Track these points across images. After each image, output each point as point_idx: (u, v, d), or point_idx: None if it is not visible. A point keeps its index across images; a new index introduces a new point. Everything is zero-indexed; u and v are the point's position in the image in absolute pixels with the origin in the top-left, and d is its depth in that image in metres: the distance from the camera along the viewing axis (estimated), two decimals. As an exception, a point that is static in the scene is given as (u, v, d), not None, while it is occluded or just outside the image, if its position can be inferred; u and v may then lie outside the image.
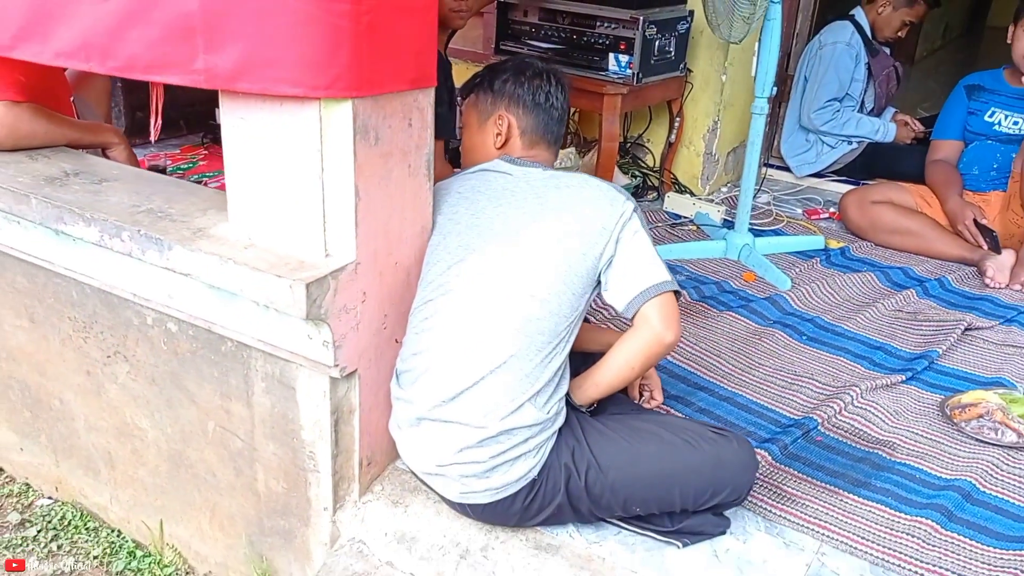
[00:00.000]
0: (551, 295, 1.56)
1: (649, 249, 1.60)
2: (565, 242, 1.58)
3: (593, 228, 1.58)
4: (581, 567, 1.57)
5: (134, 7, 1.45)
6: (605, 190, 1.64)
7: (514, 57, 2.20)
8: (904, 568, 1.58)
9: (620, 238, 1.59)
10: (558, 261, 1.57)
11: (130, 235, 1.60)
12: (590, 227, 1.58)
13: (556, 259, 1.57)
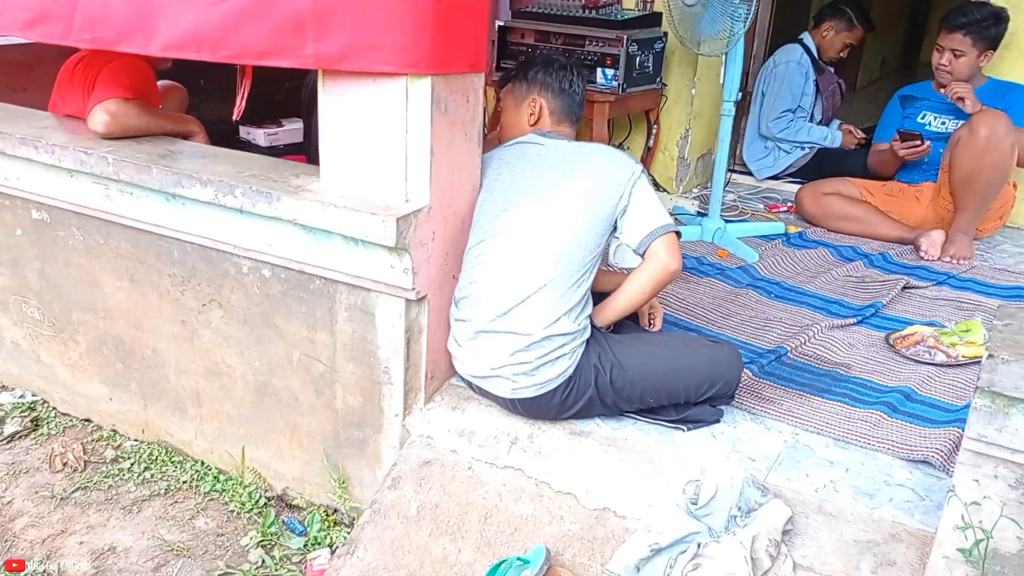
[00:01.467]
0: (578, 234, 1.99)
1: (655, 200, 2.05)
2: (588, 195, 2.02)
3: (610, 184, 2.02)
4: (608, 445, 1.98)
5: (251, 6, 1.87)
6: (619, 155, 2.10)
7: (542, 53, 2.66)
8: (858, 442, 2.02)
9: (632, 192, 2.03)
10: (583, 209, 2.01)
11: (243, 191, 2.01)
12: (608, 183, 2.03)
13: (582, 207, 2.01)
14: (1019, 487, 1.49)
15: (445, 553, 1.87)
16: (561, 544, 1.82)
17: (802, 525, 1.77)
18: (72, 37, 2.13)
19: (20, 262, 2.60)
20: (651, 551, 1.70)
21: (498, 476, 1.96)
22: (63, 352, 2.65)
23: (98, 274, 2.45)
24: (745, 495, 1.77)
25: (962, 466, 1.53)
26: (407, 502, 1.97)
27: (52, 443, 2.59)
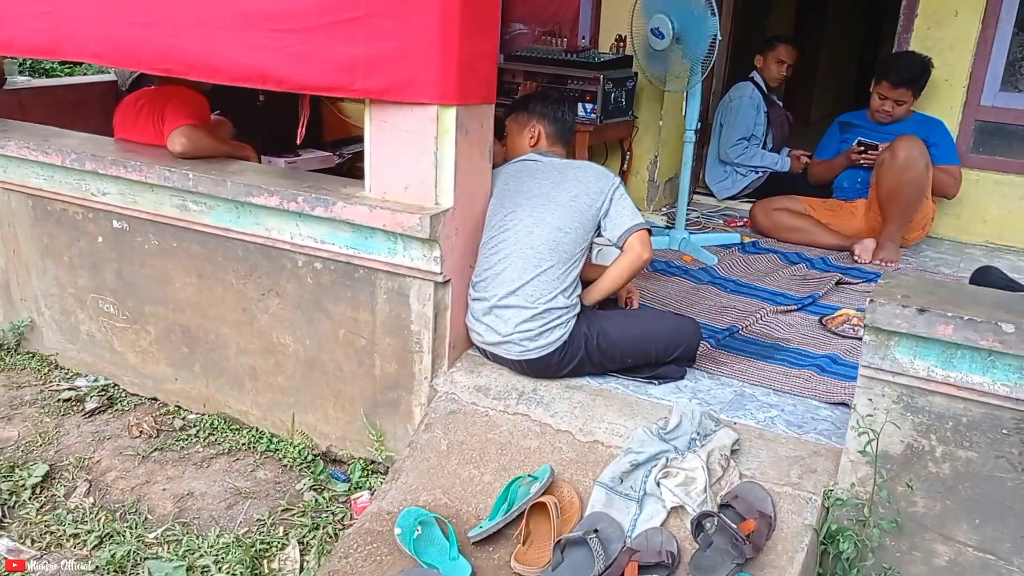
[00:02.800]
0: (570, 230, 2.53)
1: (630, 204, 2.60)
2: (577, 199, 2.56)
3: (594, 191, 2.57)
4: (596, 395, 2.51)
5: (310, 51, 2.41)
6: (601, 170, 2.65)
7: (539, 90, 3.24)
8: (792, 392, 2.57)
9: (612, 198, 2.58)
10: (573, 210, 2.55)
11: (304, 198, 2.54)
12: (592, 190, 2.57)
13: (572, 209, 2.55)
14: (900, 401, 2.04)
15: (471, 476, 2.37)
16: (561, 467, 2.34)
17: (746, 447, 2.30)
18: (142, 64, 2.67)
19: (99, 265, 3.10)
20: (631, 466, 2.23)
21: (510, 420, 2.48)
22: (134, 341, 3.14)
23: (170, 272, 2.96)
24: (702, 424, 2.31)
25: (859, 389, 2.08)
26: (438, 441, 2.47)
27: (127, 416, 3.07)
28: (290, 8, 2.36)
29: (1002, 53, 4.06)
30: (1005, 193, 4.15)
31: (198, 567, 2.38)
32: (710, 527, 2.09)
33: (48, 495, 2.70)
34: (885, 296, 1.97)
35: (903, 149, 3.75)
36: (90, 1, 2.63)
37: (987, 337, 1.86)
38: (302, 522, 2.56)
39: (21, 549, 2.47)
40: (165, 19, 2.54)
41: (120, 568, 2.39)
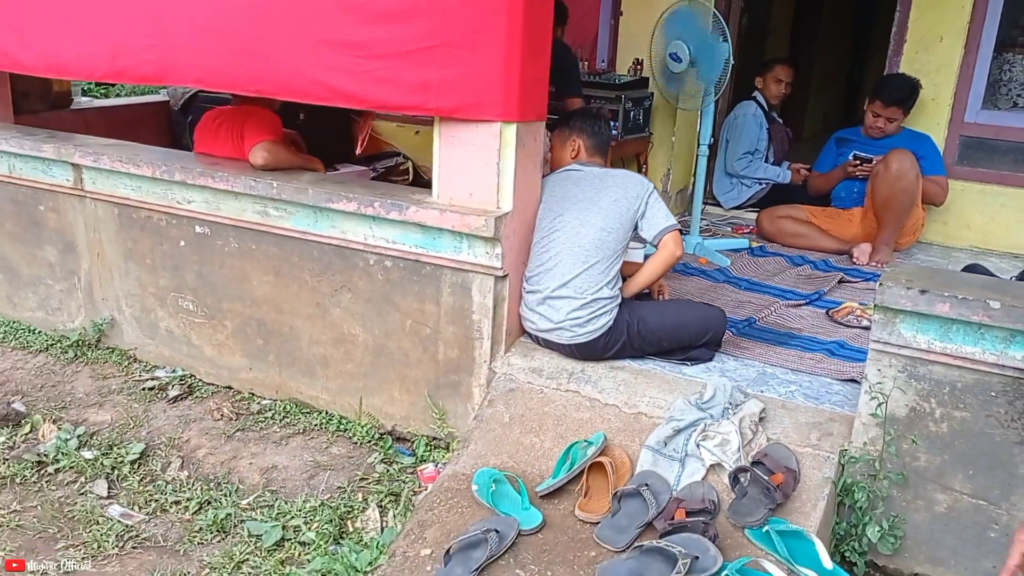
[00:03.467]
0: (611, 230, 2.90)
1: (664, 208, 2.96)
2: (617, 203, 2.93)
3: (632, 195, 2.94)
4: (638, 374, 2.87)
5: (388, 76, 2.78)
6: (638, 177, 3.02)
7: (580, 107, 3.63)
8: (808, 371, 2.94)
9: (648, 201, 2.95)
10: (614, 213, 2.91)
11: (379, 204, 2.90)
12: (630, 195, 2.94)
13: (613, 212, 2.92)
14: (904, 370, 2.41)
15: (532, 443, 2.73)
16: (610, 435, 2.69)
17: (771, 415, 2.66)
18: (238, 87, 3.03)
19: (181, 267, 3.44)
20: (674, 431, 2.59)
21: (562, 396, 2.84)
22: (212, 334, 3.48)
23: (248, 272, 3.30)
24: (733, 396, 2.67)
25: (870, 360, 2.45)
26: (501, 414, 2.83)
27: (207, 402, 3.41)
28: (373, 37, 2.73)
29: (983, 75, 4.48)
30: (987, 201, 4.56)
31: (290, 527, 2.72)
32: (745, 480, 2.45)
33: (146, 469, 3.03)
34: (892, 280, 2.35)
35: (895, 161, 4.15)
36: (192, 34, 2.99)
37: (977, 312, 2.24)
38: (378, 489, 2.90)
39: (131, 514, 2.80)
40: (257, 47, 2.91)
41: (221, 528, 2.73)
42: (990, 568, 2.44)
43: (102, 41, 3.15)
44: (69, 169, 3.51)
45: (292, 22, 2.84)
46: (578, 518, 2.45)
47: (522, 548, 2.35)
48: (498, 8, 2.59)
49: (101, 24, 3.16)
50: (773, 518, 2.37)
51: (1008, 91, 4.57)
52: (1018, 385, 2.30)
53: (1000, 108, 4.56)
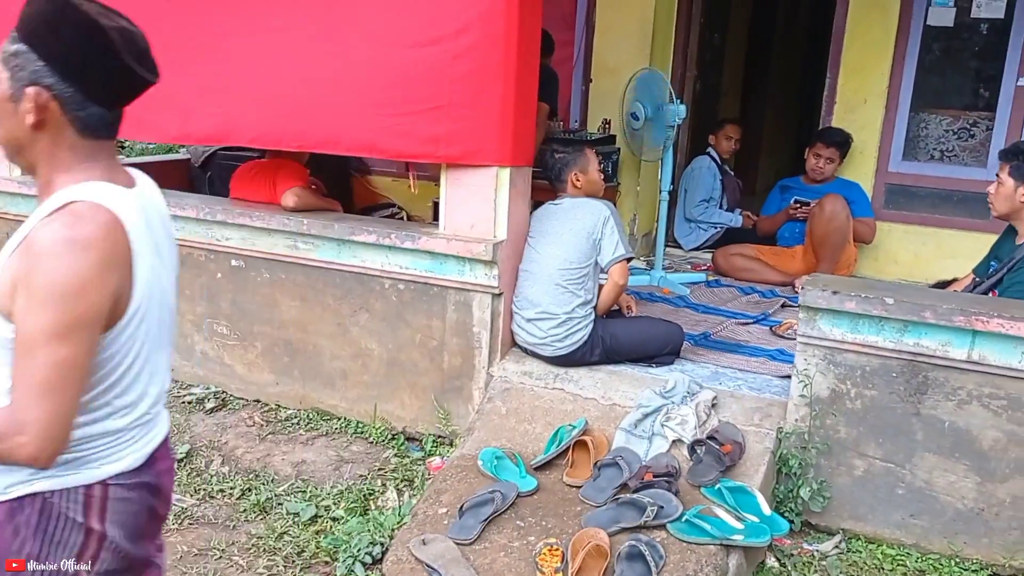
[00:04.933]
0: (572, 258, 3.42)
1: (616, 237, 3.49)
2: (577, 234, 3.46)
3: (588, 225, 3.47)
4: (612, 373, 3.44)
5: (405, 129, 3.39)
6: (597, 206, 3.55)
7: None
8: (753, 370, 3.53)
9: (604, 230, 3.50)
10: (573, 243, 3.44)
11: (396, 235, 3.49)
12: (587, 224, 3.47)
13: (572, 242, 3.44)
14: (825, 359, 3.01)
15: (526, 430, 3.28)
16: (591, 421, 3.25)
17: (722, 402, 3.25)
18: (284, 144, 3.63)
19: (216, 296, 3.99)
20: (642, 415, 3.16)
21: (550, 393, 3.40)
22: (243, 355, 4.01)
23: (277, 298, 3.86)
24: (691, 387, 3.25)
25: (798, 352, 3.05)
26: (499, 408, 3.38)
27: (239, 413, 3.92)
28: (395, 97, 3.35)
29: (902, 131, 5.21)
30: (911, 240, 5.24)
31: (322, 506, 3.23)
32: (700, 450, 3.02)
33: (192, 466, 3.53)
34: (812, 285, 2.97)
35: (828, 204, 4.83)
36: (250, 102, 3.60)
37: (877, 307, 2.86)
38: (394, 475, 3.43)
39: (184, 499, 3.29)
40: (302, 111, 3.52)
41: (263, 509, 3.23)
42: (899, 520, 3.01)
43: (176, 108, 3.74)
44: (119, 213, 4.05)
45: (332, 90, 3.46)
46: (565, 483, 3.00)
47: (521, 506, 2.89)
48: (495, 76, 3.23)
49: (176, 94, 3.75)
50: (724, 479, 2.93)
51: (926, 145, 5.29)
52: (913, 367, 2.90)
53: (919, 160, 5.27)
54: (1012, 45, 4.88)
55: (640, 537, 2.66)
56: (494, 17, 3.20)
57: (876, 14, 5.08)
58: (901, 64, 5.12)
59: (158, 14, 3.73)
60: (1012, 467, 2.84)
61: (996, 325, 2.72)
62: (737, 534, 2.69)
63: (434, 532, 2.76)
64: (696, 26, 5.70)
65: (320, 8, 3.50)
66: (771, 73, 8.51)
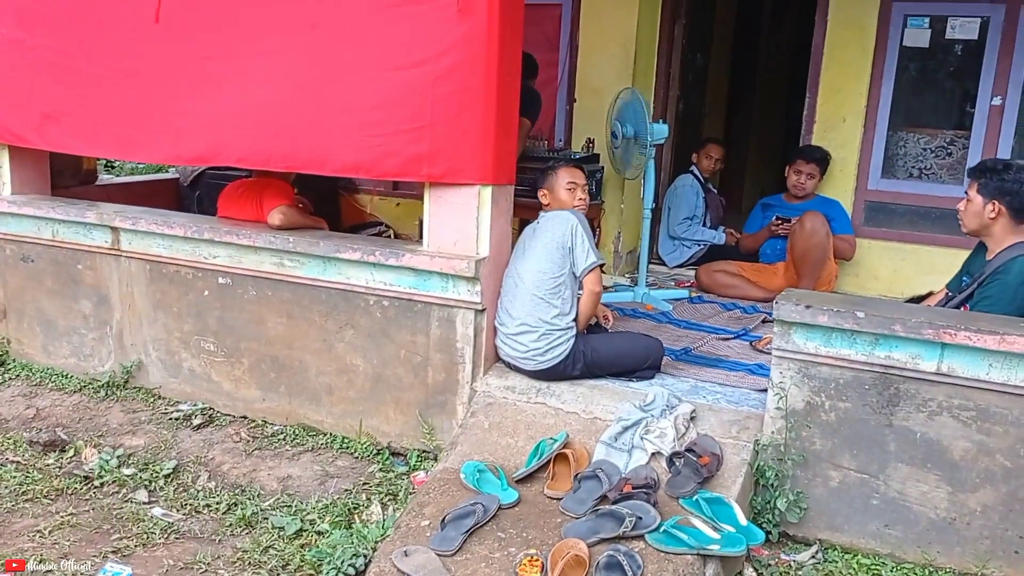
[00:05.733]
0: (546, 269, 3.47)
1: (586, 243, 3.53)
2: (547, 246, 3.50)
3: (558, 235, 3.51)
4: (593, 388, 3.50)
5: (391, 150, 3.46)
6: (564, 216, 3.60)
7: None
8: (732, 384, 3.59)
9: (574, 238, 3.55)
10: (545, 254, 3.48)
11: (380, 252, 3.55)
12: (557, 235, 3.52)
13: (544, 254, 3.48)
14: (800, 372, 3.07)
15: (508, 444, 3.33)
16: (572, 435, 3.30)
17: (701, 415, 3.30)
18: (272, 164, 3.70)
19: (204, 313, 4.03)
20: (622, 428, 3.21)
21: (532, 407, 3.45)
22: (230, 371, 4.05)
23: (264, 315, 3.91)
24: (670, 401, 3.31)
25: (773, 365, 3.11)
26: (482, 422, 3.43)
27: (226, 429, 3.96)
28: (379, 118, 3.42)
29: (880, 150, 5.31)
30: (891, 256, 5.32)
31: (307, 520, 3.26)
32: (679, 462, 3.07)
33: (179, 481, 3.56)
34: (786, 299, 3.04)
35: (808, 221, 4.92)
36: (239, 124, 3.67)
37: (848, 321, 2.92)
38: (379, 490, 3.47)
39: (171, 514, 3.33)
40: (288, 132, 3.59)
41: (248, 523, 3.27)
42: (875, 530, 3.07)
43: (167, 131, 3.82)
44: (108, 232, 4.11)
45: (318, 111, 3.53)
46: (547, 495, 3.05)
47: (502, 518, 2.93)
48: (476, 96, 3.30)
49: (167, 116, 3.84)
50: (701, 490, 2.99)
51: (904, 163, 5.38)
52: (885, 379, 2.97)
53: (898, 177, 5.36)
54: (986, 65, 4.99)
55: (619, 547, 2.70)
56: (475, 39, 3.28)
57: (853, 35, 5.19)
58: (879, 84, 5.23)
59: (148, 36, 3.84)
60: (982, 477, 2.90)
61: (963, 338, 2.78)
62: (714, 544, 2.74)
63: (416, 544, 2.80)
64: (678, 47, 5.80)
65: (306, 32, 3.58)
66: (756, 93, 8.62)
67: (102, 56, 3.98)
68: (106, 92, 4.01)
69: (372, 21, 3.45)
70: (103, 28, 3.96)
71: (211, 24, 3.76)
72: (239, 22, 3.70)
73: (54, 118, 4.11)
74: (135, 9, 3.86)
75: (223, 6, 3.73)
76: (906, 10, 5.11)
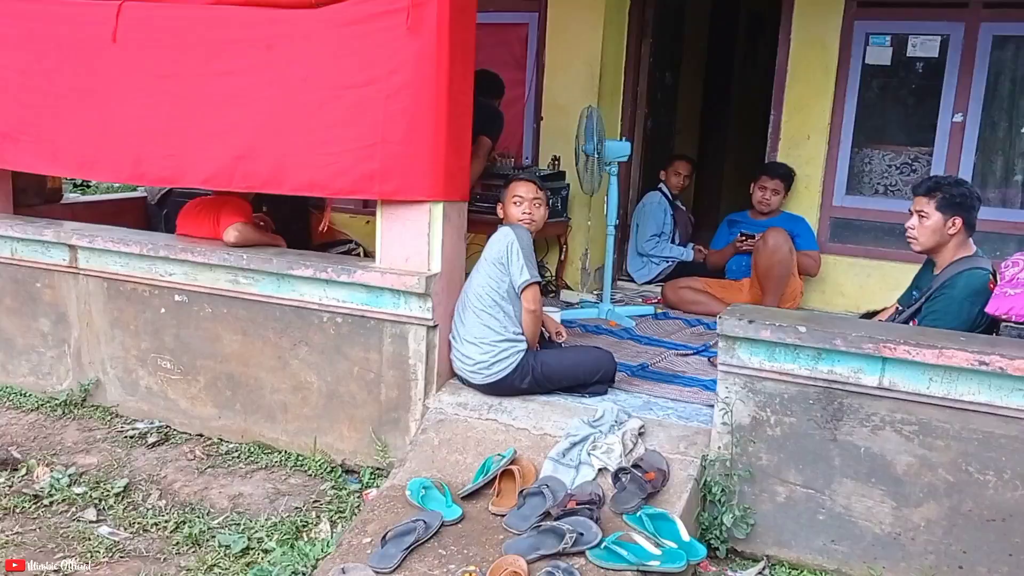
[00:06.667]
0: (488, 284, 3.48)
1: (521, 262, 3.52)
2: (488, 260, 3.52)
3: (496, 251, 3.52)
4: (545, 404, 3.49)
5: (344, 168, 3.47)
6: (504, 231, 3.61)
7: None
8: (685, 399, 3.59)
9: (510, 256, 3.55)
10: (487, 269, 3.49)
11: (332, 269, 3.55)
12: (495, 251, 3.53)
13: (487, 268, 3.49)
14: (745, 387, 3.07)
15: (457, 460, 3.32)
16: (521, 451, 3.29)
17: (651, 431, 3.30)
18: (234, 185, 3.70)
19: (160, 331, 4.03)
20: (570, 444, 3.21)
21: (483, 423, 3.44)
22: (186, 389, 4.04)
23: (220, 333, 3.90)
24: (619, 416, 3.31)
25: (719, 380, 3.12)
26: (432, 439, 3.42)
27: (181, 447, 3.94)
28: (333, 136, 3.44)
29: (845, 166, 5.33)
30: (856, 272, 5.34)
31: (255, 538, 3.24)
32: (625, 478, 3.06)
33: (129, 500, 3.54)
34: (729, 315, 3.04)
35: (771, 237, 4.94)
36: (200, 148, 3.69)
37: (791, 335, 2.93)
38: (329, 508, 3.45)
39: (118, 532, 3.30)
40: (248, 153, 3.60)
41: (196, 541, 3.24)
42: (821, 545, 3.06)
43: (128, 151, 3.84)
44: (66, 250, 4.11)
45: (276, 131, 3.55)
46: (491, 512, 3.04)
47: (445, 535, 2.92)
48: (426, 113, 3.32)
49: (127, 136, 3.84)
50: (646, 506, 2.98)
51: (870, 180, 5.41)
52: (828, 393, 2.97)
53: (864, 194, 5.39)
54: (947, 83, 5.03)
55: (559, 564, 2.69)
56: (424, 57, 3.31)
57: (816, 53, 5.23)
58: (842, 101, 5.26)
59: (106, 56, 3.86)
60: (925, 492, 2.90)
61: (903, 352, 2.79)
62: (654, 560, 2.73)
63: (356, 561, 2.79)
64: (645, 66, 5.84)
65: (262, 53, 3.60)
66: (731, 112, 8.67)
67: (60, 75, 4.00)
68: (65, 111, 4.02)
69: (325, 41, 3.47)
70: (62, 47, 3.98)
71: (168, 45, 3.77)
72: (196, 43, 3.72)
73: (12, 137, 4.11)
74: (93, 29, 3.88)
75: (179, 27, 3.74)
76: (867, 28, 5.16)
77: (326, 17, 3.47)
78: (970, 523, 2.86)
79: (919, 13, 5.04)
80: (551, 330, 3.88)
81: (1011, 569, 2.84)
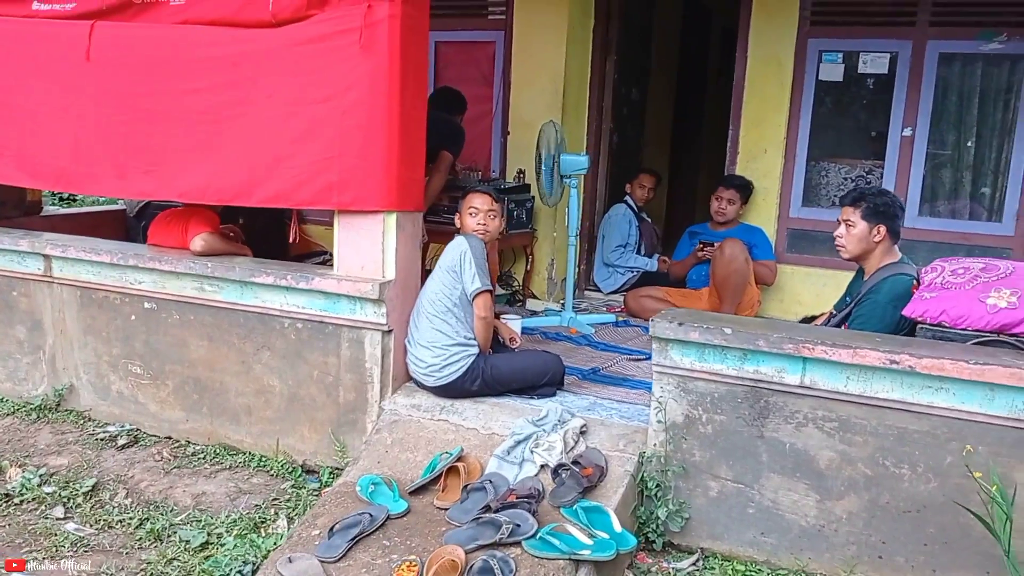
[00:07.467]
0: (441, 290, 3.64)
1: (472, 270, 3.69)
2: (442, 268, 3.69)
3: (450, 260, 3.68)
4: (495, 405, 3.65)
5: (305, 179, 3.63)
6: (458, 240, 3.77)
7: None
8: (630, 401, 3.74)
9: (463, 264, 3.72)
10: (441, 277, 3.67)
11: (292, 276, 3.71)
12: (449, 259, 3.69)
13: (441, 276, 3.67)
14: (678, 386, 3.23)
15: (408, 459, 3.47)
16: (469, 449, 3.45)
17: (593, 430, 3.45)
18: (207, 197, 3.87)
19: (131, 337, 4.18)
20: (515, 442, 3.36)
21: (435, 424, 3.60)
22: (155, 393, 4.19)
23: (187, 338, 4.06)
24: (562, 416, 3.47)
25: (654, 381, 3.28)
26: (385, 439, 3.58)
27: (150, 449, 4.09)
28: (296, 150, 3.61)
29: (801, 179, 5.52)
30: (813, 282, 5.51)
31: (215, 534, 3.39)
32: (564, 474, 3.22)
33: (97, 499, 3.69)
34: (661, 318, 3.20)
35: (728, 247, 5.11)
36: (180, 164, 3.87)
37: (717, 337, 3.09)
38: (288, 505, 3.60)
39: (83, 528, 3.45)
40: (226, 168, 3.77)
41: (158, 537, 3.39)
42: (751, 538, 3.21)
43: (108, 165, 4.01)
44: (41, 260, 4.28)
45: (246, 148, 3.73)
46: (436, 506, 3.19)
47: (390, 527, 3.07)
48: (380, 128, 3.50)
49: (107, 152, 4.02)
50: (582, 500, 3.13)
51: (827, 192, 5.59)
52: (755, 392, 3.13)
53: (820, 205, 5.56)
54: (896, 98, 5.22)
55: (495, 553, 2.84)
56: (378, 75, 3.48)
57: (772, 70, 5.42)
58: (797, 116, 5.45)
59: (81, 74, 4.03)
60: (846, 485, 3.05)
61: (820, 351, 2.95)
62: (585, 549, 2.87)
63: (304, 552, 2.94)
64: (610, 82, 6.03)
65: (228, 71, 3.78)
66: (704, 126, 8.87)
67: (38, 93, 4.18)
68: (44, 127, 4.19)
69: (286, 59, 3.65)
70: (39, 66, 4.16)
71: (140, 63, 3.94)
72: (166, 62, 3.89)
73: (-8, 151, 4.29)
74: (68, 48, 4.05)
75: (150, 47, 3.92)
76: (820, 46, 5.35)
77: (286, 36, 3.65)
78: (888, 515, 3.02)
79: (869, 31, 5.23)
80: (505, 336, 4.04)
81: (927, 558, 2.99)
